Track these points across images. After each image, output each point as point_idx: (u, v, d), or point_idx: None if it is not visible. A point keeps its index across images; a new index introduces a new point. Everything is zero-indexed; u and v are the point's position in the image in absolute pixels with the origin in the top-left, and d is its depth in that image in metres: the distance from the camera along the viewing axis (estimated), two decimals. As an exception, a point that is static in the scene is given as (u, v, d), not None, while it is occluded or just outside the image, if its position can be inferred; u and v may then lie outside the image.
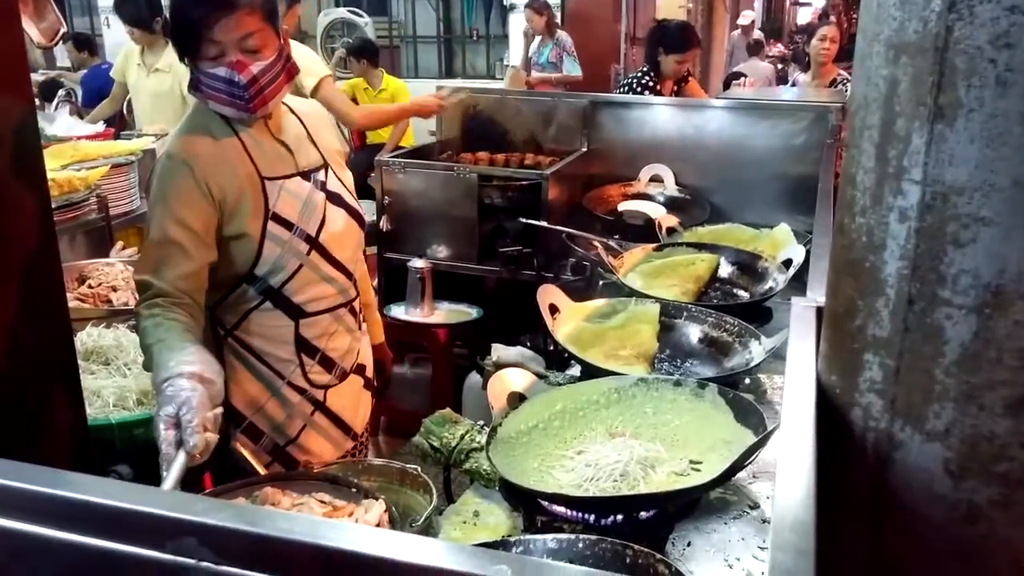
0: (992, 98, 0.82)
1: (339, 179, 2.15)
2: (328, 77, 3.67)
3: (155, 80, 4.73)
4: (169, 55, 4.27)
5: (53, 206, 1.82)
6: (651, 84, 4.79)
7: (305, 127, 2.13)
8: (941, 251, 0.87)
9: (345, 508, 1.74)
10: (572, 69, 6.82)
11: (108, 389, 2.19)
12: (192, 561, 0.70)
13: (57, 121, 4.45)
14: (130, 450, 2.03)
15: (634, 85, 4.85)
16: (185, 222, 1.88)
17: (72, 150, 3.75)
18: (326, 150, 2.15)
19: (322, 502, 1.75)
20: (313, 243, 2.04)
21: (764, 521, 1.59)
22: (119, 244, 3.32)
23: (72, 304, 2.60)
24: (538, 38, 6.95)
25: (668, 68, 4.77)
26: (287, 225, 1.99)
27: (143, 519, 0.72)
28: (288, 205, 2.00)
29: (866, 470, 0.96)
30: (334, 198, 2.11)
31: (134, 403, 2.19)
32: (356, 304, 2.22)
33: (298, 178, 2.05)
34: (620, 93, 4.91)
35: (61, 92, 6.53)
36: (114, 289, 2.84)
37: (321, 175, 2.10)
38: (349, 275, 2.16)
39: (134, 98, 5.01)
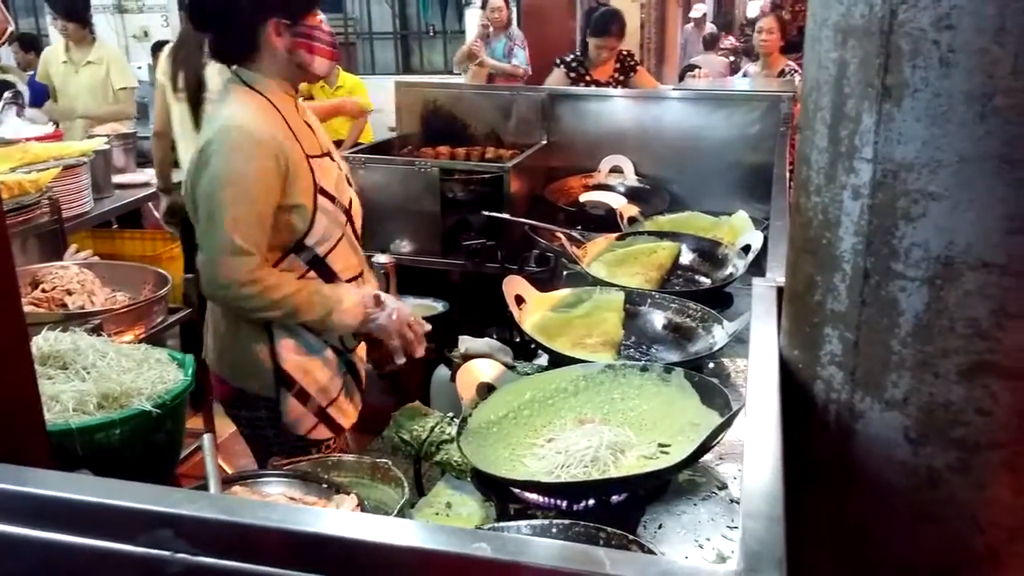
0: (936, 78, 0.85)
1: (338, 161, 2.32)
2: None
3: (88, 73, 4.65)
4: (99, 48, 4.20)
5: (4, 209, 1.80)
6: (575, 66, 4.91)
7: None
8: (893, 226, 0.90)
9: (316, 504, 1.74)
10: (522, 62, 6.79)
11: (67, 394, 2.15)
12: (168, 553, 0.70)
13: (5, 123, 4.35)
14: (92, 455, 2.00)
15: (558, 63, 5.00)
16: (269, 196, 2.04)
17: (21, 152, 3.66)
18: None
19: (292, 499, 1.75)
20: (348, 216, 2.22)
21: (732, 501, 1.61)
22: (73, 247, 3.26)
23: (26, 309, 2.57)
24: (489, 32, 6.87)
25: (592, 52, 4.91)
26: (330, 198, 2.15)
27: (115, 513, 0.72)
28: (327, 180, 2.16)
29: (829, 440, 0.98)
30: (347, 178, 2.30)
31: (94, 407, 2.15)
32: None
33: (327, 157, 2.22)
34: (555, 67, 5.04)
35: (8, 94, 6.38)
36: (69, 292, 2.78)
37: (336, 155, 2.29)
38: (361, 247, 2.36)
39: (62, 96, 4.93)
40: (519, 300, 2.27)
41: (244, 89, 2.12)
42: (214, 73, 3.69)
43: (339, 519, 0.70)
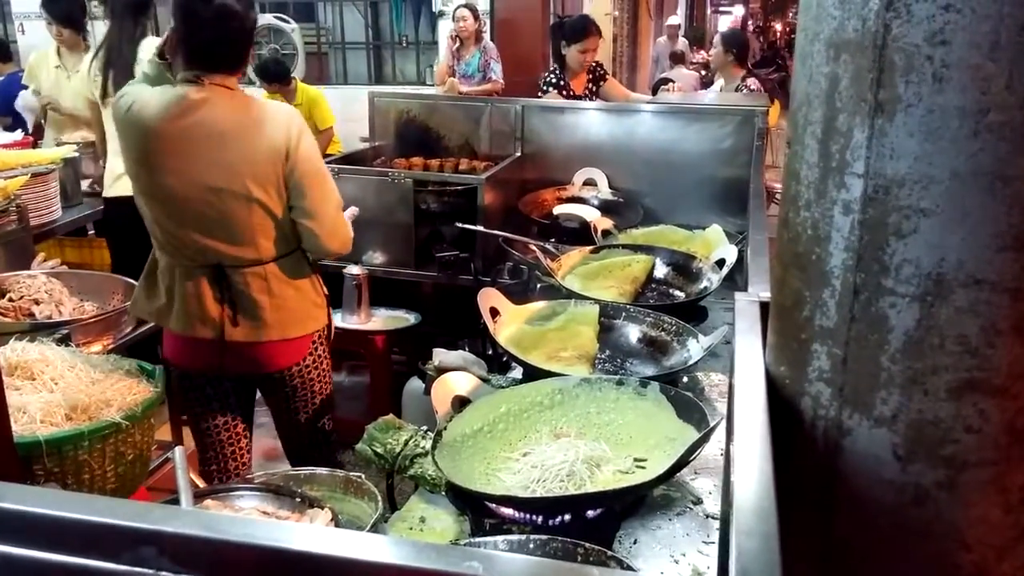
0: (929, 93, 0.85)
1: None
2: None
3: (77, 82, 4.60)
4: (88, 58, 4.17)
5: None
6: (557, 81, 4.91)
7: None
8: (884, 242, 0.89)
9: (289, 519, 1.71)
10: (498, 75, 6.81)
11: (34, 405, 2.11)
12: (150, 571, 0.68)
13: (-29, 132, 4.29)
14: (59, 468, 1.95)
15: (542, 85, 4.95)
16: None
17: (-11, 160, 3.61)
18: None
19: (265, 513, 1.72)
20: None
21: (708, 516, 1.61)
22: (40, 256, 3.20)
23: (-7, 318, 2.51)
24: (460, 46, 6.87)
25: (573, 60, 4.91)
26: None
27: (97, 530, 0.69)
28: None
29: (816, 457, 0.98)
30: None
31: (62, 418, 2.11)
32: None
33: None
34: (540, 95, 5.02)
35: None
36: (36, 302, 2.74)
37: None
38: None
39: (44, 95, 4.87)
40: (494, 312, 2.26)
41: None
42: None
43: (331, 538, 0.67)
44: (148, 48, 3.93)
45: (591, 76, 5.00)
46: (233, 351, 2.45)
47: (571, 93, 4.93)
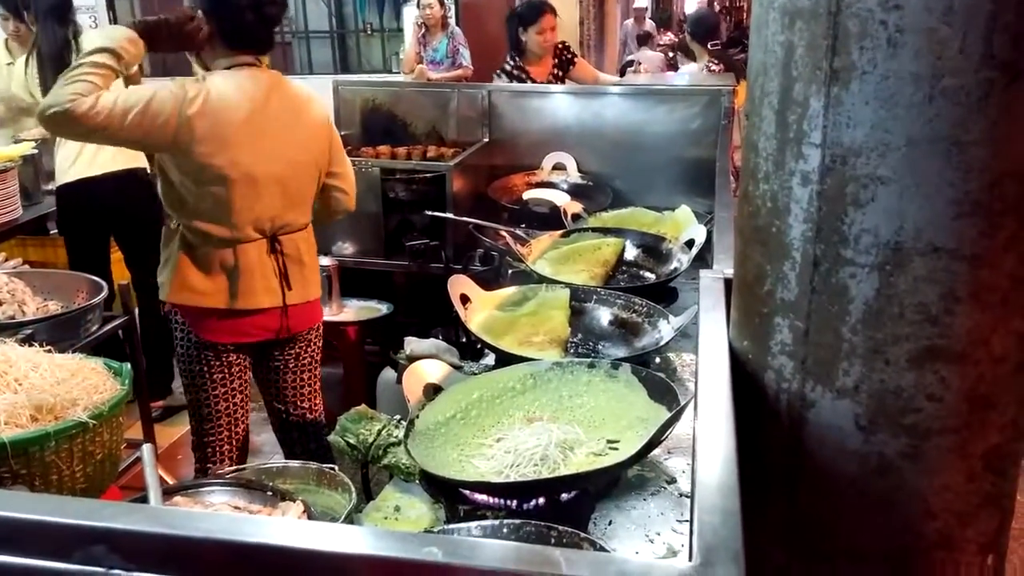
0: (884, 59, 0.84)
1: None
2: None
3: (28, 75, 4.51)
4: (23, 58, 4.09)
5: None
6: (513, 70, 4.81)
7: None
8: (842, 212, 0.89)
9: (261, 512, 1.69)
10: (468, 61, 6.76)
11: (-3, 407, 2.07)
12: (101, 570, 0.66)
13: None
14: (26, 470, 1.92)
15: (501, 75, 4.87)
16: None
17: (-54, 160, 3.55)
18: None
19: (236, 508, 1.70)
20: None
21: (681, 495, 1.61)
22: (1, 255, 3.15)
23: (-46, 320, 2.47)
24: (427, 32, 6.81)
25: (534, 44, 4.79)
26: None
27: (46, 529, 0.67)
28: None
29: (781, 430, 0.98)
30: None
31: (27, 419, 2.07)
32: None
33: None
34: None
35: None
36: (-1, 304, 2.69)
37: None
38: None
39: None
40: (464, 299, 2.25)
41: None
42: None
43: (281, 528, 0.66)
44: (93, 42, 3.88)
45: (558, 60, 4.95)
46: (291, 313, 2.65)
47: (530, 82, 4.87)
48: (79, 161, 3.88)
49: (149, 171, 4.00)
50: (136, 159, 3.98)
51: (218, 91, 2.41)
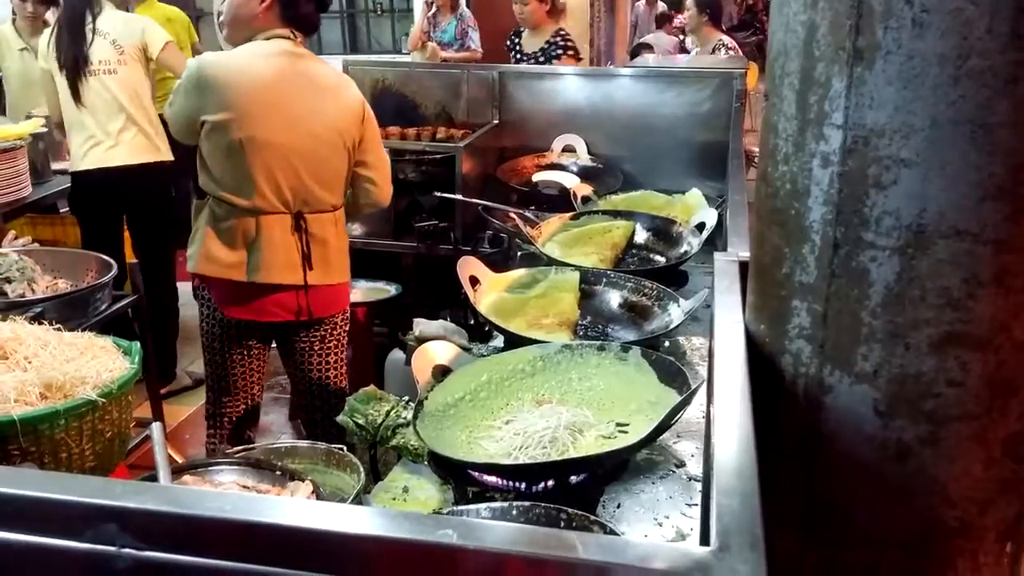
0: (909, 39, 0.82)
1: None
2: (171, 42, 4.07)
3: (40, 58, 4.51)
4: (44, 35, 4.08)
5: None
6: (512, 37, 5.02)
7: None
8: (864, 194, 0.87)
9: (270, 492, 1.69)
10: (477, 44, 6.72)
11: (7, 384, 2.07)
12: (113, 548, 0.66)
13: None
14: (35, 448, 1.93)
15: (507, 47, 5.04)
16: None
17: (-45, 137, 3.55)
18: None
19: (245, 487, 1.70)
20: None
21: (690, 479, 1.61)
22: (11, 233, 3.14)
23: (-36, 298, 2.47)
24: (437, 12, 6.76)
25: (517, 12, 4.97)
26: None
27: (57, 507, 0.67)
28: None
29: (798, 415, 0.97)
30: None
31: (37, 397, 2.07)
32: None
33: None
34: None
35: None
36: (8, 280, 2.69)
37: None
38: None
39: (6, 80, 4.77)
40: (473, 281, 2.24)
41: None
42: (100, 49, 3.88)
43: (294, 507, 0.65)
44: (111, 19, 3.89)
45: (550, 44, 4.95)
46: (312, 295, 2.67)
47: (520, 54, 4.91)
48: (95, 149, 3.89)
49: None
50: (152, 153, 4.00)
51: (240, 60, 2.55)
